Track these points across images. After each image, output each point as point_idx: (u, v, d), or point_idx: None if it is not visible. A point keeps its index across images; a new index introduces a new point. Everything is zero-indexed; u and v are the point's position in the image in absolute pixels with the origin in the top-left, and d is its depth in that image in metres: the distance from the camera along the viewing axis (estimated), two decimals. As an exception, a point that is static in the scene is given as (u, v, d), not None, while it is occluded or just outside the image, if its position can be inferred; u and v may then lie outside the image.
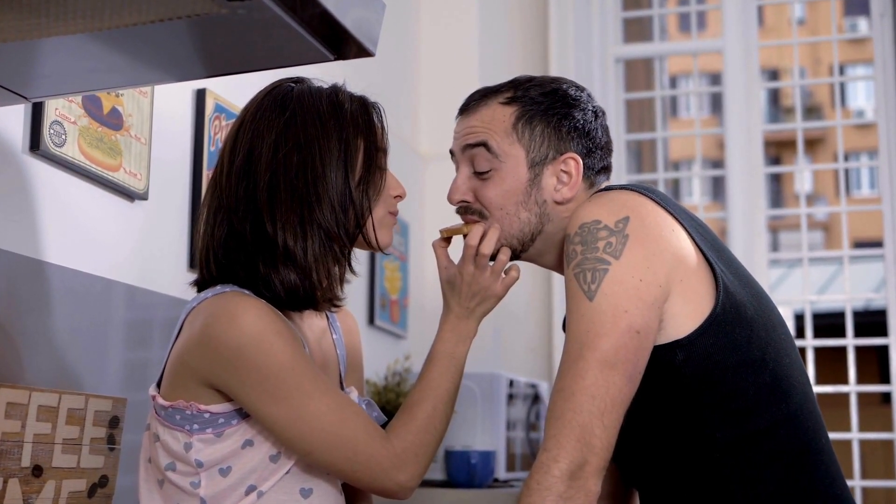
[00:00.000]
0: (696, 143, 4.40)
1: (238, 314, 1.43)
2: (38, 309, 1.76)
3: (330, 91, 1.58)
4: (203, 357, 1.45)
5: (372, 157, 1.57)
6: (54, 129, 1.78)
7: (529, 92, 1.72)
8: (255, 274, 1.50)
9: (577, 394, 1.46)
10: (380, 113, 1.61)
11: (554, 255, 1.73)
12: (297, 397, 1.44)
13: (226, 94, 2.31)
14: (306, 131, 1.53)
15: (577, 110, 1.72)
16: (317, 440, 1.45)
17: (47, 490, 1.57)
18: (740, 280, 1.62)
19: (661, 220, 1.57)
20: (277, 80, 1.61)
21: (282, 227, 1.50)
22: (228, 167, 1.54)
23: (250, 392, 1.43)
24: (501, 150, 1.70)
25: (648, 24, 4.55)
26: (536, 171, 1.69)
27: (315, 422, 1.44)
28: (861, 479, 3.79)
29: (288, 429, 1.45)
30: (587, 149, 1.71)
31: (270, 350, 1.43)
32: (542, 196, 1.70)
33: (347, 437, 1.46)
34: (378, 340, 3.16)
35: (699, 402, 1.55)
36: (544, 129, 1.70)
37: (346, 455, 1.46)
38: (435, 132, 3.66)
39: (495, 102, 1.73)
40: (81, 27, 1.25)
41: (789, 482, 1.55)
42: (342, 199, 1.53)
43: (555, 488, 1.42)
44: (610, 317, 1.48)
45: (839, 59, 4.06)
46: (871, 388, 3.92)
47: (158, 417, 1.50)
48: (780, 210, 6.50)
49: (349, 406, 1.48)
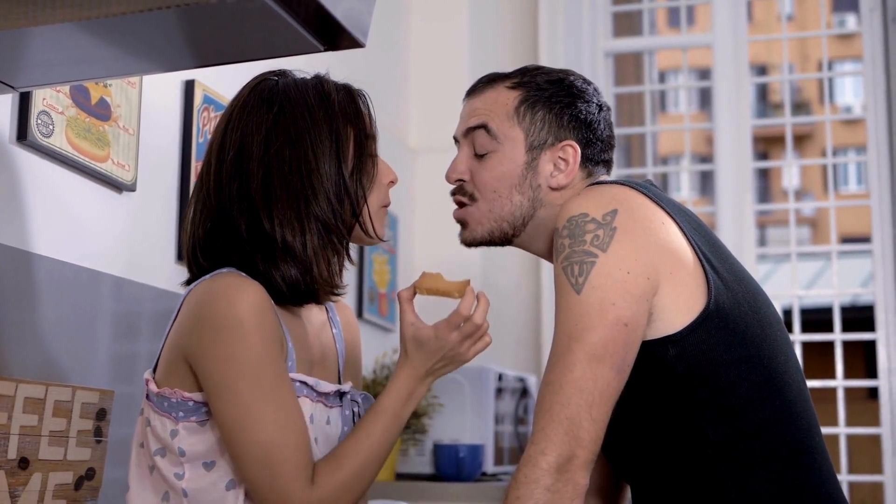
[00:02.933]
0: (685, 138, 4.41)
1: (234, 293, 1.42)
2: (25, 300, 1.75)
3: (315, 82, 1.57)
4: (192, 329, 1.44)
5: (363, 146, 1.57)
6: (42, 119, 1.77)
7: (536, 78, 1.73)
8: (255, 271, 1.49)
9: (565, 387, 1.45)
10: (365, 100, 1.61)
11: (545, 242, 1.73)
12: (247, 396, 1.40)
13: (214, 85, 2.31)
14: (296, 125, 1.52)
15: (582, 101, 1.72)
16: (244, 447, 1.41)
17: (34, 482, 1.56)
18: (735, 276, 1.61)
19: (650, 213, 1.57)
20: (259, 74, 1.59)
21: (279, 223, 1.49)
22: (217, 166, 1.53)
23: (210, 370, 1.42)
24: (501, 132, 1.71)
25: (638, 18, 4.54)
26: (534, 154, 1.70)
27: (251, 428, 1.40)
28: (848, 473, 3.81)
29: (226, 424, 1.42)
30: (587, 139, 1.72)
31: (245, 339, 1.41)
32: (538, 181, 1.70)
33: (274, 459, 1.41)
34: (366, 334, 3.15)
35: (691, 398, 1.54)
36: (546, 114, 1.71)
37: (264, 477, 1.41)
38: (425, 125, 3.66)
39: (501, 86, 1.74)
40: (70, 16, 1.24)
41: (781, 480, 1.55)
42: (337, 189, 1.52)
43: (542, 481, 1.42)
44: (597, 310, 1.48)
45: (828, 54, 4.07)
46: (858, 382, 3.93)
47: (150, 402, 1.50)
48: (768, 205, 6.51)
49: (295, 433, 1.43)
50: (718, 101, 4.06)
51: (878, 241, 3.81)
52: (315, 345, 1.61)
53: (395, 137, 3.47)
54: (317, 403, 1.54)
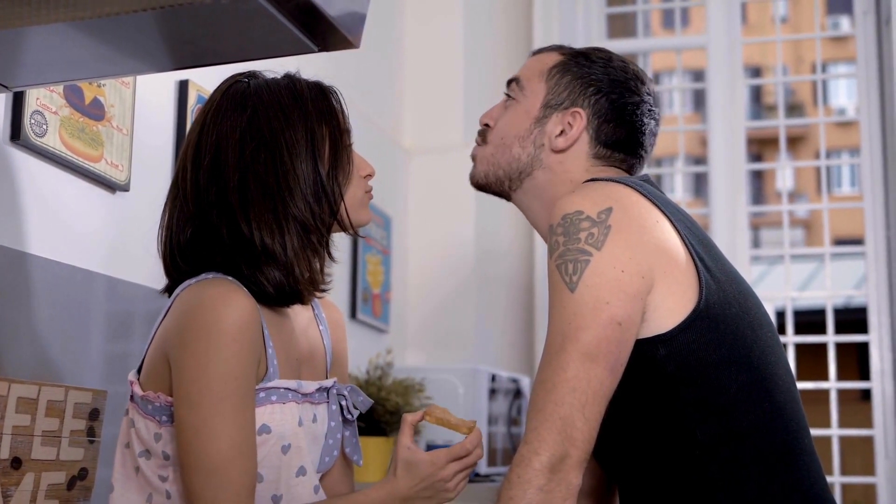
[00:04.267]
0: (679, 140, 4.41)
1: (222, 305, 1.41)
2: (18, 300, 1.74)
3: (287, 82, 1.56)
4: (175, 333, 1.43)
5: (338, 142, 1.56)
6: (35, 118, 1.77)
7: (591, 54, 1.80)
8: (239, 274, 1.48)
9: (558, 386, 1.45)
10: (338, 96, 1.60)
11: (540, 209, 1.76)
12: (208, 408, 1.39)
13: (208, 84, 2.30)
14: (270, 125, 1.51)
15: (621, 87, 1.76)
16: (195, 456, 1.39)
17: (26, 482, 1.56)
18: (727, 277, 1.61)
19: (644, 212, 1.57)
20: (230, 77, 1.58)
21: (257, 226, 1.48)
22: (194, 171, 1.52)
23: (182, 375, 1.40)
24: (528, 86, 1.79)
25: (632, 20, 4.54)
26: (546, 112, 1.76)
27: (206, 439, 1.38)
28: (840, 475, 3.81)
29: (183, 430, 1.40)
30: (604, 118, 1.74)
31: (220, 352, 1.39)
32: (542, 139, 1.75)
33: (221, 476, 1.38)
34: (360, 335, 3.16)
35: (681, 398, 1.54)
36: (572, 80, 1.77)
37: (208, 491, 1.38)
38: (419, 126, 3.65)
39: (556, 52, 1.82)
40: (64, 16, 1.24)
41: (770, 481, 1.55)
42: (315, 189, 1.52)
43: (535, 481, 1.42)
44: (591, 309, 1.48)
45: (822, 56, 4.07)
46: (850, 384, 3.94)
47: (134, 404, 1.50)
48: (762, 207, 6.52)
49: (247, 456, 1.41)
50: (712, 103, 4.06)
51: (871, 243, 3.81)
52: (303, 343, 1.60)
53: (388, 138, 3.47)
54: (303, 404, 1.53)
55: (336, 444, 1.60)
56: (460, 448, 1.55)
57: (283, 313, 1.57)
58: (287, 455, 1.49)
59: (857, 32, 3.93)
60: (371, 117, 3.31)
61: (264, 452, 1.46)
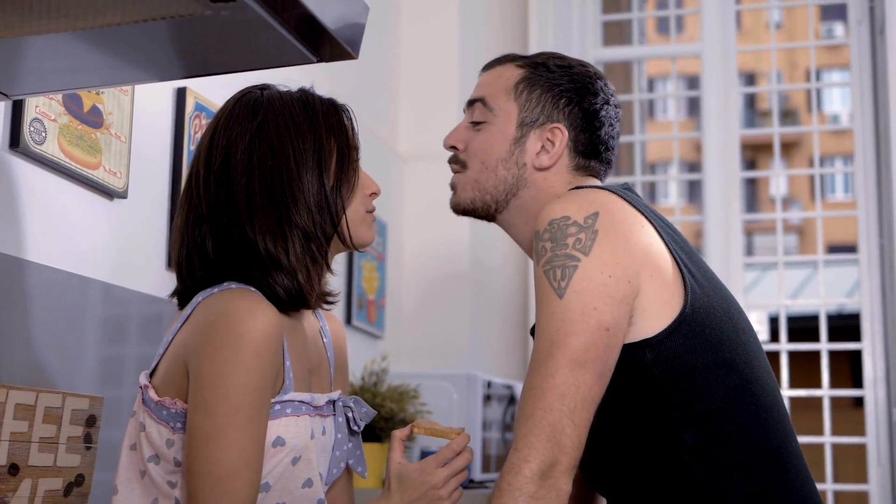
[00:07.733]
0: (674, 146, 4.43)
1: (248, 316, 1.41)
2: (16, 306, 1.75)
3: (300, 94, 1.58)
4: (198, 341, 1.42)
5: (345, 156, 1.57)
6: (34, 126, 1.78)
7: (547, 61, 1.78)
8: (252, 280, 1.50)
9: (547, 392, 1.46)
10: (349, 114, 1.62)
11: (525, 226, 1.75)
12: (223, 417, 1.39)
13: (206, 92, 2.31)
14: (279, 134, 1.52)
15: (587, 92, 1.76)
16: (204, 462, 1.39)
17: (23, 489, 1.57)
18: (710, 283, 1.63)
19: (630, 217, 1.58)
20: (245, 87, 1.60)
21: (261, 231, 1.49)
22: (206, 176, 1.53)
23: (200, 382, 1.40)
24: (497, 105, 1.76)
25: (628, 27, 4.56)
26: (524, 131, 1.74)
27: (217, 447, 1.39)
28: (833, 482, 3.82)
29: (194, 435, 1.40)
30: (581, 129, 1.74)
31: (241, 364, 1.39)
32: (524, 158, 1.74)
33: (226, 484, 1.38)
34: (355, 341, 3.16)
35: (667, 402, 1.55)
36: (542, 94, 1.75)
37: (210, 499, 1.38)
38: (414, 132, 3.66)
39: (511, 64, 1.79)
40: (64, 26, 1.25)
41: (758, 485, 1.56)
42: (318, 199, 1.53)
43: (526, 489, 1.43)
44: (580, 314, 1.49)
45: (815, 63, 4.09)
46: (843, 392, 3.94)
47: (147, 408, 1.49)
48: (755, 214, 6.53)
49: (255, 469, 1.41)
50: (707, 111, 4.07)
51: (864, 250, 3.83)
52: (313, 352, 1.62)
53: (384, 145, 3.48)
54: (314, 417, 1.54)
55: (343, 455, 1.62)
56: (447, 451, 1.59)
57: (297, 323, 1.58)
58: (296, 466, 1.50)
59: (851, 41, 3.95)
60: (366, 124, 3.32)
61: (275, 463, 1.47)
